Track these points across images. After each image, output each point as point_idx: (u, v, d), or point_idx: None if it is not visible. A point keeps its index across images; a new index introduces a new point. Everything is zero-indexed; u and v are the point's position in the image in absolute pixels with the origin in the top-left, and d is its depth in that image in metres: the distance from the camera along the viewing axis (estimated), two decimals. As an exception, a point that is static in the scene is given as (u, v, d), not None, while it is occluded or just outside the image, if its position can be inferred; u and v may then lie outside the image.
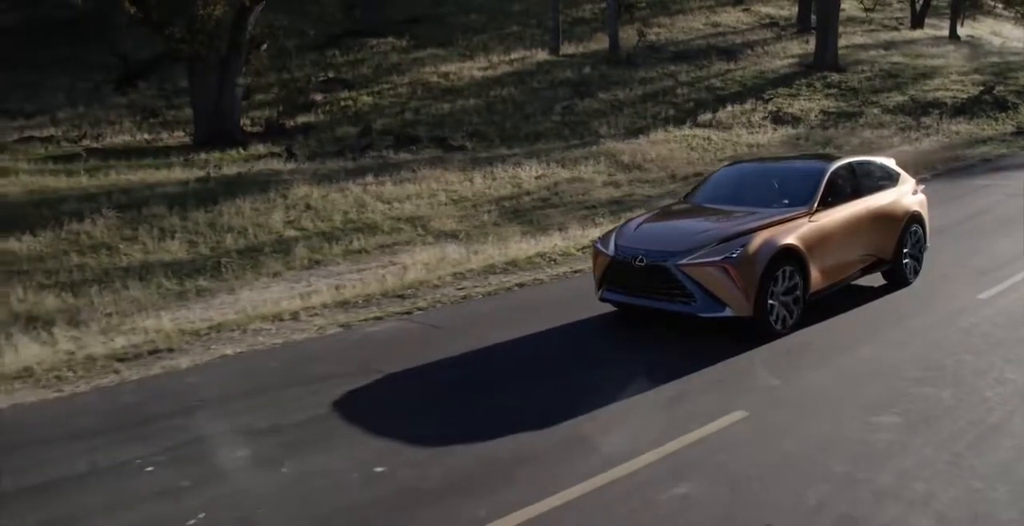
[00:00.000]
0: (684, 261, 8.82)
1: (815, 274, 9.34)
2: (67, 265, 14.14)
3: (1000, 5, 48.01)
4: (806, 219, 9.43)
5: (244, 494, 5.80)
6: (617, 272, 9.41)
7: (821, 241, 9.46)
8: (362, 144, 23.76)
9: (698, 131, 25.37)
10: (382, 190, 18.33)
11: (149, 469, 6.19)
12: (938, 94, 28.50)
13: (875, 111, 27.06)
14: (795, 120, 26.33)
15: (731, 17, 39.10)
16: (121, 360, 8.96)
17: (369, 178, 19.14)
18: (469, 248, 14.40)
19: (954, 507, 5.28)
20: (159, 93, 29.43)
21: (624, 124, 26.32)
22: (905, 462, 5.89)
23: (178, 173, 20.61)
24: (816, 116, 26.67)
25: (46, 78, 30.61)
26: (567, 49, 33.41)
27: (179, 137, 26.04)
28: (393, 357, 8.65)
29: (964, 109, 27.04)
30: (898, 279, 10.91)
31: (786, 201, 9.79)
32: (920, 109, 27.12)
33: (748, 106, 27.54)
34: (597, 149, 23.09)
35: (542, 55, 32.75)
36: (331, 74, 30.87)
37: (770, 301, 8.85)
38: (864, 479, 5.65)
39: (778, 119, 26.39)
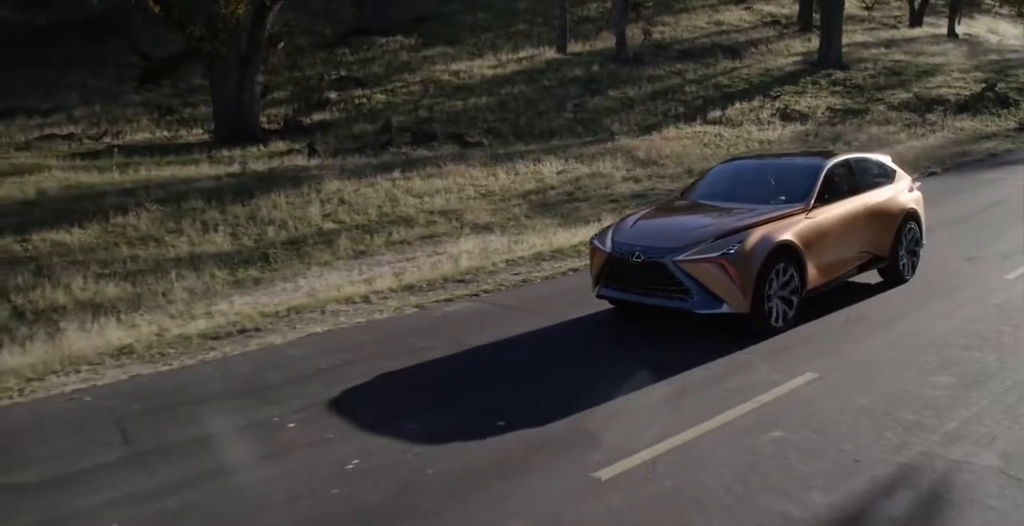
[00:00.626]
0: (681, 257, 8.96)
1: (812, 271, 9.51)
2: (119, 256, 14.85)
3: (996, 3, 49.29)
4: (803, 216, 9.60)
5: (389, 443, 6.59)
6: (614, 269, 9.55)
7: (818, 238, 9.63)
8: (382, 141, 24.52)
9: (709, 128, 26.25)
10: (411, 185, 19.10)
11: (291, 425, 6.98)
12: (941, 91, 29.47)
13: (880, 108, 28.01)
14: (803, 117, 27.25)
15: (734, 16, 40.05)
16: (215, 338, 9.71)
17: (396, 174, 19.87)
18: (509, 239, 15.20)
19: (1015, 446, 6.14)
20: (173, 91, 30.08)
21: (636, 121, 27.18)
22: (966, 412, 6.76)
23: (206, 169, 21.32)
24: (823, 113, 27.60)
25: (60, 76, 31.21)
26: (574, 47, 34.25)
27: (198, 134, 26.74)
28: (479, 332, 9.49)
29: (967, 106, 28.02)
30: (894, 276, 11.09)
31: (783, 198, 9.96)
32: (924, 106, 28.09)
33: (756, 103, 28.44)
34: (612, 145, 23.93)
35: (550, 53, 33.58)
36: (343, 72, 31.62)
37: (767, 297, 9.02)
38: (933, 425, 6.52)
39: (786, 116, 27.30)
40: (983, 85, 29.66)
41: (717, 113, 27.55)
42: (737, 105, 28.15)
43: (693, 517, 5.25)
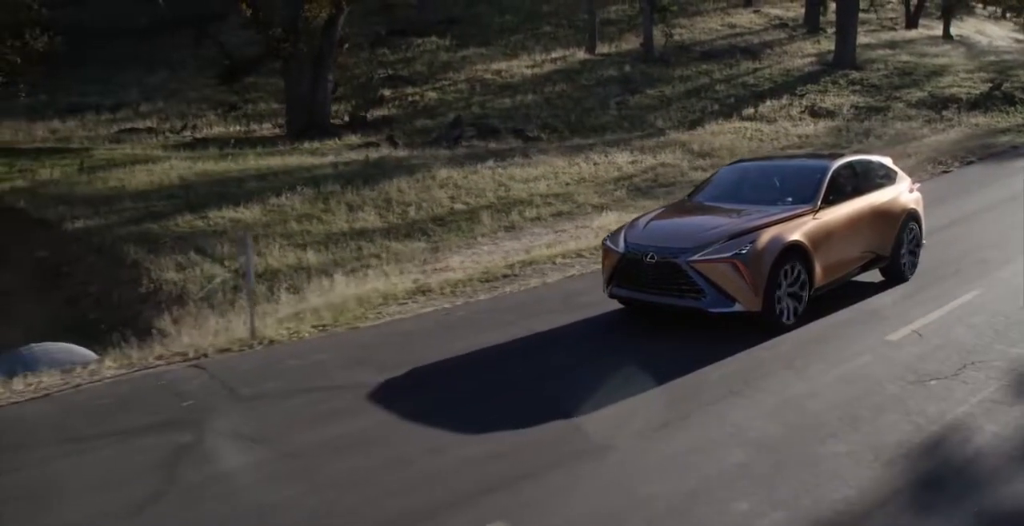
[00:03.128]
0: (694, 258, 9.44)
1: (819, 270, 10.06)
2: (292, 230, 17.73)
3: (980, 5, 53.54)
4: (811, 216, 10.15)
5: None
6: (627, 269, 10.04)
7: (825, 238, 10.16)
8: (454, 134, 27.53)
9: (747, 124, 29.52)
10: (510, 172, 22.07)
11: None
12: (953, 90, 33.08)
13: (900, 105, 31.52)
14: (830, 114, 30.68)
15: (744, 18, 43.60)
16: (483, 281, 12.77)
17: (491, 163, 22.82)
18: (632, 216, 18.36)
19: None
20: (230, 88, 32.77)
21: (676, 117, 30.42)
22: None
23: (309, 158, 24.17)
24: (848, 110, 31.06)
25: (116, 74, 33.84)
26: (601, 48, 37.48)
27: (269, 129, 29.55)
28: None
29: (978, 104, 31.64)
30: (895, 276, 11.69)
31: (790, 199, 10.52)
32: (940, 104, 31.65)
33: (784, 101, 31.81)
34: (665, 139, 27.09)
35: (580, 54, 36.77)
36: (389, 71, 34.58)
37: (778, 295, 9.58)
38: None
39: (815, 113, 30.72)
40: (990, 85, 33.31)
41: (751, 110, 30.83)
42: (768, 103, 31.47)
43: (952, 361, 8.44)
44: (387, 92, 32.31)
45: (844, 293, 10.92)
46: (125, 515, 5.89)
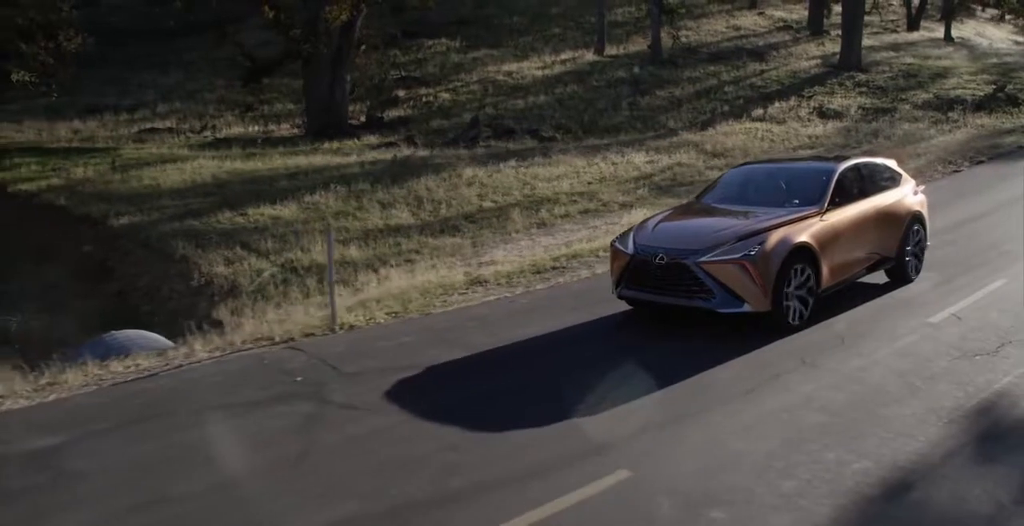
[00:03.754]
0: (704, 259, 9.67)
1: (826, 271, 10.29)
2: (333, 226, 18.43)
3: (980, 7, 54.70)
4: (818, 218, 10.38)
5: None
6: (637, 270, 10.27)
7: (832, 239, 10.41)
8: (471, 134, 28.37)
9: (757, 124, 30.42)
10: (532, 172, 22.84)
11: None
12: (957, 92, 34.04)
13: (906, 107, 32.46)
14: (838, 115, 31.61)
15: (748, 20, 44.58)
16: (535, 273, 13.60)
17: (512, 162, 23.59)
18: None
19: None
20: (245, 89, 33.54)
21: (687, 118, 31.30)
22: None
23: (333, 158, 24.98)
24: (856, 111, 32.02)
25: (131, 75, 34.61)
26: (609, 50, 38.41)
27: (287, 129, 30.36)
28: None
29: (982, 105, 32.58)
30: (901, 277, 11.95)
31: (796, 201, 10.74)
32: (945, 105, 32.62)
33: (793, 102, 32.73)
34: (678, 139, 27.95)
35: (589, 56, 37.69)
36: (402, 72, 35.43)
37: (786, 296, 9.83)
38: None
39: (823, 114, 31.64)
40: (993, 87, 34.33)
41: (760, 111, 31.73)
42: (776, 104, 32.38)
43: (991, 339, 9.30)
44: (401, 93, 33.12)
45: (881, 282, 11.77)
46: (287, 466, 6.86)
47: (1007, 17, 53.87)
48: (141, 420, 7.93)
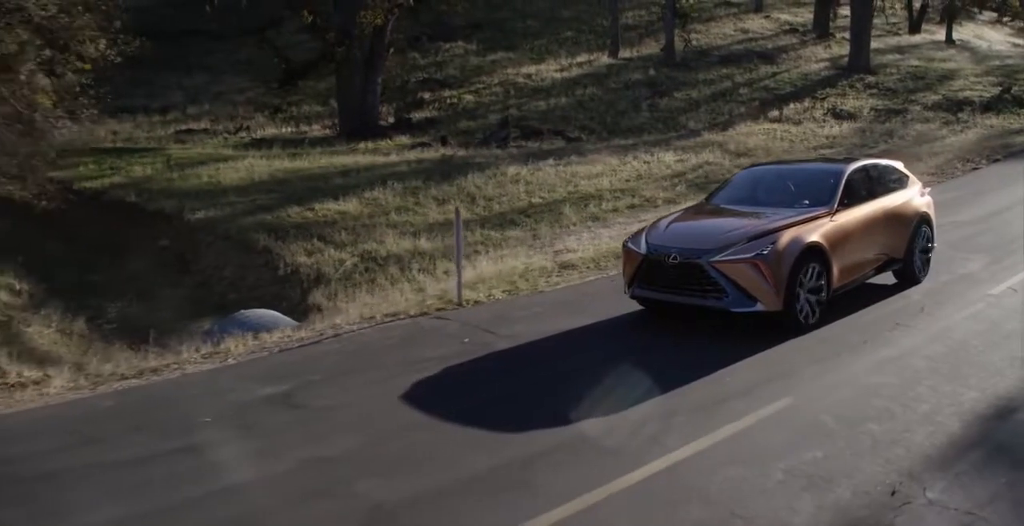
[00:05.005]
0: (717, 258, 10.02)
1: (836, 271, 10.65)
2: (394, 221, 19.97)
3: (978, 11, 56.78)
4: (828, 219, 10.74)
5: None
6: (649, 270, 10.61)
7: (842, 239, 10.76)
8: (502, 135, 29.95)
9: (775, 125, 32.10)
10: (575, 170, 24.40)
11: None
12: (965, 94, 35.89)
13: (917, 108, 34.28)
14: (851, 116, 33.37)
15: (756, 23, 46.41)
16: (618, 257, 14.98)
17: (550, 161, 25.17)
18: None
19: None
20: (269, 91, 35.05)
21: (706, 119, 33.00)
22: None
23: (373, 157, 26.49)
24: (868, 112, 33.82)
25: (154, 76, 35.96)
26: (623, 53, 40.13)
27: (319, 130, 31.85)
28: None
29: (990, 106, 34.43)
30: (909, 278, 12.38)
31: (806, 202, 11.10)
32: (955, 106, 34.46)
33: (807, 104, 34.48)
34: (701, 140, 29.59)
35: (604, 58, 39.36)
36: (423, 75, 37.01)
37: (798, 295, 10.20)
38: None
39: (837, 115, 33.40)
40: (999, 88, 36.22)
41: (776, 113, 33.46)
42: (791, 105, 34.11)
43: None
44: (426, 95, 34.69)
45: (942, 262, 13.39)
46: (500, 403, 8.52)
47: (1006, 20, 55.87)
48: (345, 373, 9.54)
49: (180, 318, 16.95)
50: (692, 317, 10.91)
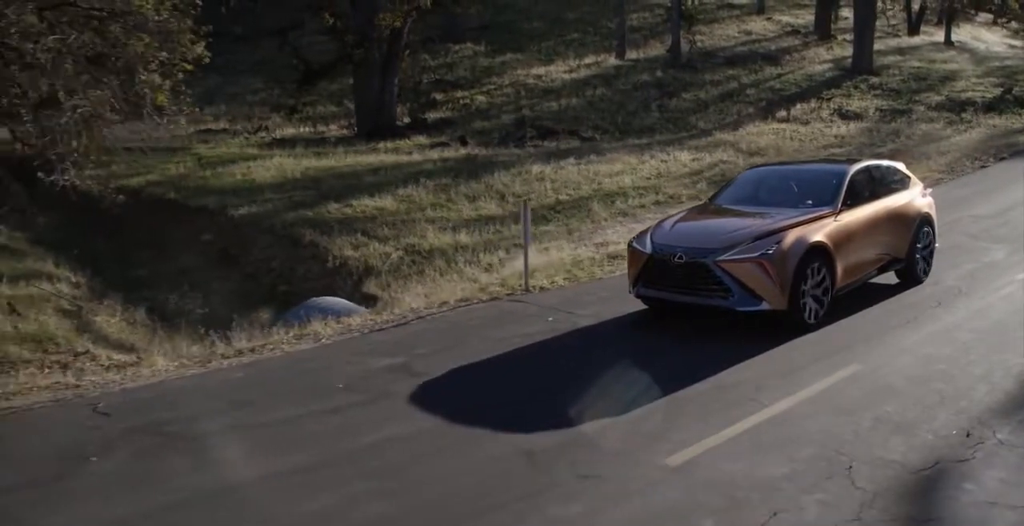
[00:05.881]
0: (722, 258, 10.29)
1: (840, 270, 10.96)
2: (431, 216, 21.01)
3: (974, 12, 58.27)
4: (832, 219, 11.05)
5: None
6: (655, 269, 10.89)
7: (846, 239, 11.08)
8: (518, 135, 31.06)
9: (783, 125, 33.26)
10: (596, 168, 25.47)
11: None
12: (968, 94, 37.18)
13: (921, 108, 35.56)
14: (858, 116, 34.63)
15: (758, 25, 47.67)
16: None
17: (571, 160, 26.25)
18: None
19: None
20: (283, 92, 35.99)
21: (715, 120, 34.18)
22: None
23: (398, 156, 27.52)
24: (874, 112, 35.08)
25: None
26: (629, 54, 41.31)
27: (336, 130, 32.89)
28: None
29: (992, 106, 35.75)
30: (911, 277, 12.77)
31: (810, 202, 11.42)
32: (958, 107, 35.78)
33: (813, 104, 35.69)
34: (712, 139, 30.73)
35: (611, 60, 40.54)
36: (434, 76, 38.10)
37: (802, 294, 10.50)
38: None
39: (843, 115, 34.64)
40: (1001, 89, 37.58)
41: (783, 113, 34.68)
42: (798, 106, 35.36)
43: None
44: (439, 95, 35.78)
45: (967, 251, 14.53)
46: (611, 368, 9.63)
47: (1004, 21, 57.24)
48: (448, 347, 10.68)
49: (233, 309, 17.91)
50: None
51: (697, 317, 11.45)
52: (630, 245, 11.64)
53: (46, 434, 8.39)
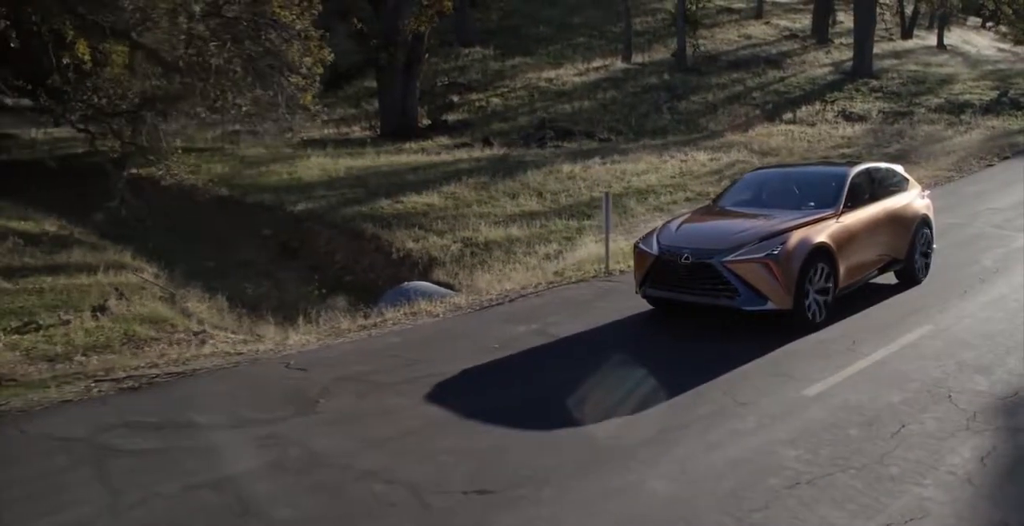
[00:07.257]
0: (729, 258, 10.67)
1: (842, 271, 11.36)
2: (479, 212, 22.74)
3: (964, 17, 60.85)
4: (834, 220, 11.45)
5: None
6: (661, 270, 11.30)
7: (848, 240, 11.47)
8: (539, 135, 32.91)
9: (791, 127, 35.24)
10: (622, 167, 27.31)
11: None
12: (966, 97, 39.39)
13: (921, 110, 37.74)
14: (861, 118, 36.70)
15: (758, 30, 49.82)
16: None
17: (596, 159, 28.09)
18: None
19: None
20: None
21: (724, 121, 36.18)
22: None
23: (430, 156, 29.31)
24: (877, 115, 37.20)
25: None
26: (635, 58, 43.34)
27: (359, 131, 34.64)
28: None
29: (990, 109, 37.94)
30: (910, 278, 13.28)
31: (812, 203, 11.83)
32: (956, 109, 37.95)
33: (817, 107, 37.77)
34: (725, 140, 32.67)
35: (618, 63, 42.52)
36: (447, 79, 39.95)
37: (807, 293, 10.89)
38: None
39: (848, 117, 36.73)
40: (997, 92, 39.83)
41: (789, 115, 36.74)
42: (803, 108, 37.43)
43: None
44: (455, 98, 37.62)
45: (994, 239, 16.46)
46: (717, 330, 11.42)
47: (992, 26, 59.82)
48: (572, 317, 12.43)
49: (302, 297, 19.60)
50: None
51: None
52: (636, 246, 12.10)
53: (261, 385, 10.08)
